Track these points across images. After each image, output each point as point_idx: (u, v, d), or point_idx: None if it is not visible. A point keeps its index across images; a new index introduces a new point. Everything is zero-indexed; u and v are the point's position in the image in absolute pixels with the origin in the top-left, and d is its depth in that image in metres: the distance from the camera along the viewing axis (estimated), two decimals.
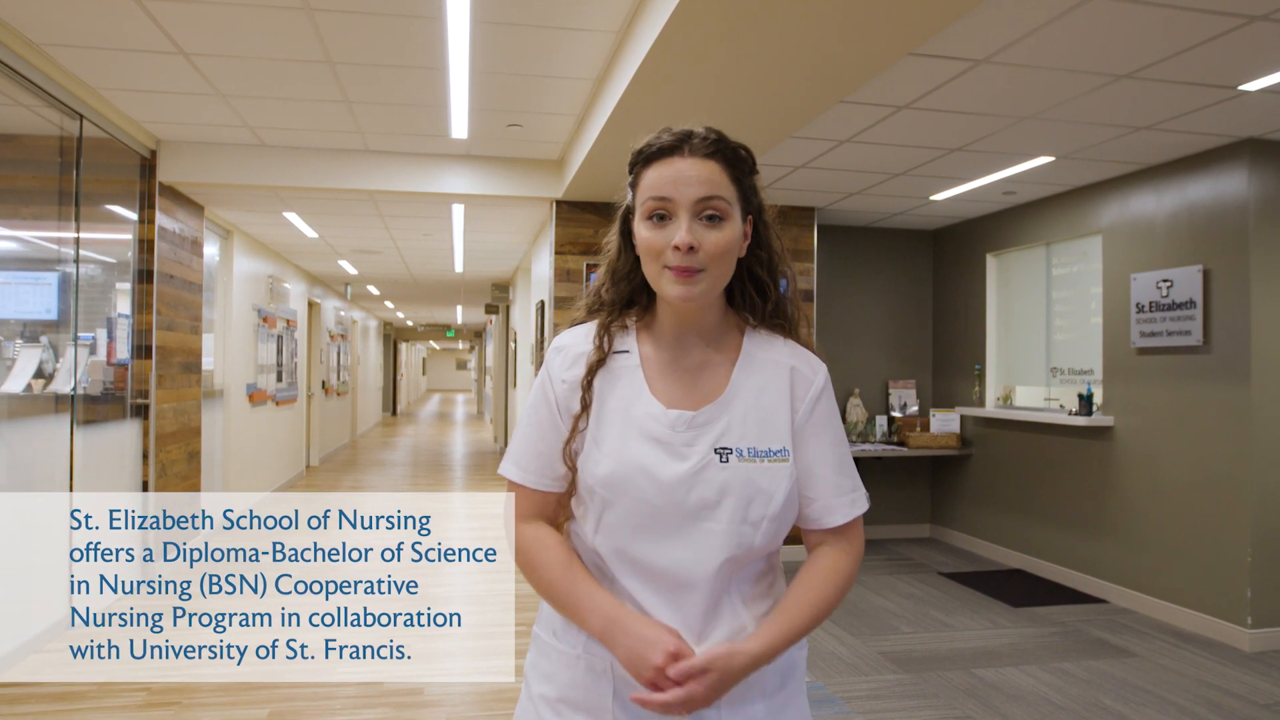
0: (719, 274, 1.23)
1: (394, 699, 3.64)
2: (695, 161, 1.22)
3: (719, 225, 1.21)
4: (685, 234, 1.18)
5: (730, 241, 1.22)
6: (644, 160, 1.25)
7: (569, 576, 1.26)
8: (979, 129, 4.46)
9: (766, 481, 1.23)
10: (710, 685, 1.14)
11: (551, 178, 5.71)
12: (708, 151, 1.22)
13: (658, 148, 1.24)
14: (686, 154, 1.22)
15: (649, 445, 1.23)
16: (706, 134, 1.24)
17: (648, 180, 1.23)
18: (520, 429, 1.36)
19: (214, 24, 3.53)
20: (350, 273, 11.45)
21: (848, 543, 1.30)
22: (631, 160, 1.28)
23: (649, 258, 1.23)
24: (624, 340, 1.31)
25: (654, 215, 1.22)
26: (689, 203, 1.20)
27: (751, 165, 1.28)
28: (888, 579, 5.91)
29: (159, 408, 5.36)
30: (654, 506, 1.22)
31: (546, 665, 1.31)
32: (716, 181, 1.22)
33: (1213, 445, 4.70)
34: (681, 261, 1.19)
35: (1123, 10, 3.04)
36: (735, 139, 1.27)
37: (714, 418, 1.24)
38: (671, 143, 1.23)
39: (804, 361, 1.31)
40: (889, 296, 7.42)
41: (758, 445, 1.24)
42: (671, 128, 1.25)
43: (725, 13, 2.75)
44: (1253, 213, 4.52)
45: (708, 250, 1.20)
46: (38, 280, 4.42)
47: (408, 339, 27.93)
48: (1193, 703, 3.75)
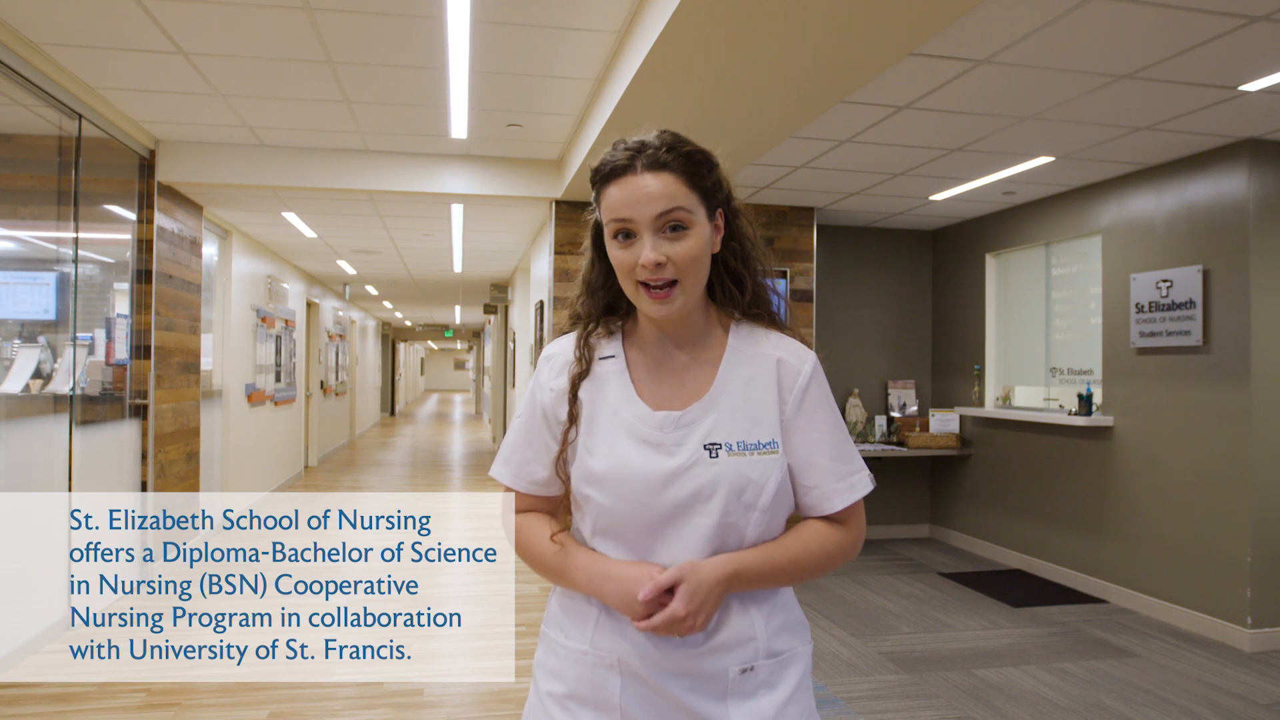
0: (693, 281, 1.24)
1: (394, 699, 3.63)
2: (650, 176, 1.21)
3: (683, 235, 1.21)
4: (650, 252, 1.20)
5: (697, 249, 1.22)
6: (601, 179, 1.25)
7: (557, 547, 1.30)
8: (979, 129, 4.46)
9: (757, 474, 1.24)
10: (687, 597, 1.17)
11: (551, 178, 5.71)
12: (661, 163, 1.21)
13: (611, 166, 1.24)
14: (640, 170, 1.21)
15: (639, 446, 1.25)
16: (659, 143, 1.23)
17: (608, 200, 1.24)
18: (510, 433, 1.39)
19: (213, 23, 3.52)
20: (349, 273, 11.44)
21: (846, 525, 1.31)
22: (591, 178, 1.28)
23: (623, 275, 1.25)
24: (610, 346, 1.33)
25: (619, 235, 1.23)
26: (648, 220, 1.20)
27: (709, 164, 1.26)
28: (887, 579, 5.91)
29: (157, 408, 5.35)
30: (647, 505, 1.23)
31: (554, 662, 1.31)
32: (673, 193, 1.21)
33: (1212, 445, 4.70)
34: (653, 276, 1.20)
35: (1123, 10, 3.04)
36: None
37: (701, 415, 1.26)
38: (625, 161, 1.22)
39: (790, 352, 1.32)
40: (889, 296, 7.42)
41: (746, 439, 1.25)
42: (626, 140, 1.25)
43: (726, 13, 2.75)
44: (1252, 213, 4.52)
45: (676, 262, 1.21)
46: (36, 280, 4.41)
47: (406, 339, 27.93)
48: (1193, 703, 3.75)
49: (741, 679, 1.24)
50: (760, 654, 1.25)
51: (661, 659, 1.22)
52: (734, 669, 1.24)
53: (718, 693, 1.23)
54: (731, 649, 1.24)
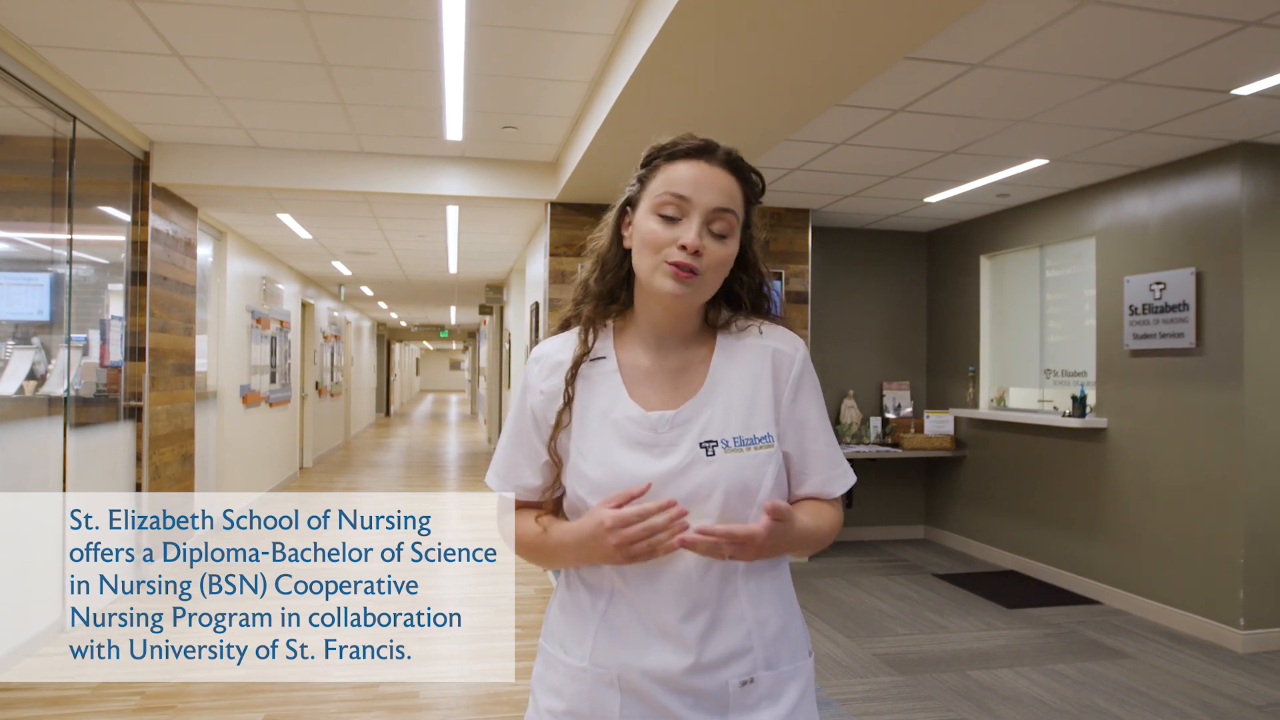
0: (712, 282, 1.25)
1: (389, 701, 3.63)
2: (719, 171, 1.24)
3: (723, 241, 1.24)
4: (695, 236, 1.21)
5: (729, 258, 1.25)
6: (667, 156, 1.26)
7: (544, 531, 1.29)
8: (973, 132, 4.48)
9: (753, 470, 1.24)
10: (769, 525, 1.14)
11: (546, 180, 5.71)
12: (731, 167, 1.26)
13: (685, 148, 1.26)
14: (711, 162, 1.25)
15: (633, 450, 1.24)
16: (730, 150, 1.27)
17: (669, 175, 1.25)
18: (502, 439, 1.38)
19: (207, 26, 3.52)
20: (344, 274, 11.43)
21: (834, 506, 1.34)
22: (651, 154, 1.28)
23: (649, 250, 1.24)
24: (601, 346, 1.33)
25: (664, 211, 1.23)
26: (705, 208, 1.22)
27: (760, 192, 1.31)
28: (882, 580, 5.92)
29: (152, 410, 5.34)
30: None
31: (553, 678, 1.30)
32: (733, 196, 1.25)
33: (1205, 447, 4.72)
34: (685, 259, 1.20)
35: (1116, 15, 3.06)
36: (734, 144, 1.29)
37: (696, 413, 1.26)
38: (699, 146, 1.25)
39: (783, 340, 1.33)
40: (884, 298, 7.44)
41: (743, 434, 1.25)
42: (693, 134, 1.27)
43: (721, 16, 2.76)
44: (1245, 216, 4.55)
45: (709, 260, 1.22)
46: (30, 281, 4.40)
47: (401, 339, 27.89)
48: (1186, 704, 3.77)
49: (743, 692, 1.22)
50: (759, 665, 1.24)
51: (661, 675, 1.21)
52: (734, 682, 1.22)
53: (719, 708, 1.22)
54: (729, 662, 1.22)
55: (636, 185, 1.30)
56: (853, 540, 7.21)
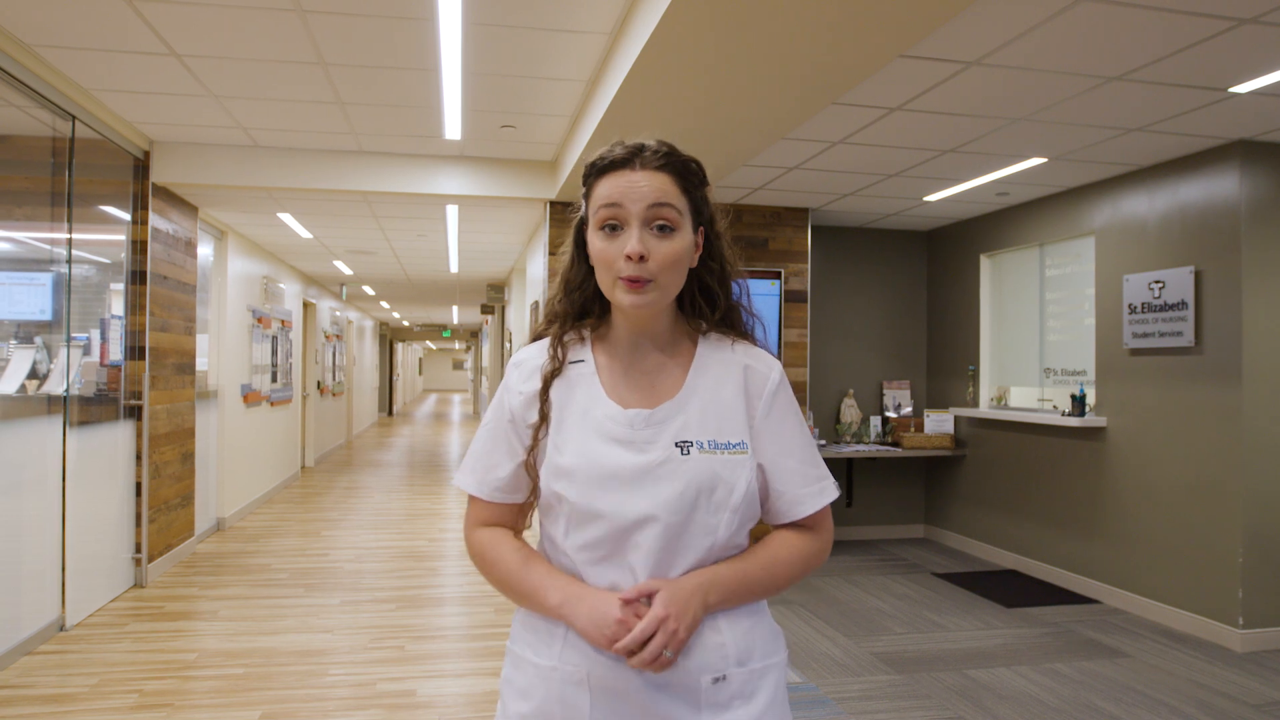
0: (669, 283, 1.25)
1: (386, 700, 3.63)
2: (647, 173, 1.24)
3: (669, 236, 1.23)
4: (636, 243, 1.20)
5: (680, 251, 1.24)
6: (597, 172, 1.28)
7: (526, 564, 1.28)
8: (971, 130, 4.47)
9: (727, 472, 1.24)
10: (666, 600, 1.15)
11: (545, 178, 5.72)
12: (659, 164, 1.25)
13: (610, 160, 1.26)
14: (638, 166, 1.24)
15: (610, 445, 1.25)
16: (658, 147, 1.26)
17: (600, 190, 1.26)
18: (476, 441, 1.38)
19: (206, 25, 3.53)
20: (345, 273, 11.44)
21: (814, 532, 1.32)
22: (585, 172, 1.30)
23: (602, 268, 1.25)
24: (579, 351, 1.34)
25: (606, 225, 1.24)
26: (640, 211, 1.22)
27: (702, 177, 1.30)
28: (881, 579, 5.92)
29: (152, 409, 5.35)
30: (620, 502, 1.22)
31: (521, 680, 1.29)
32: (667, 192, 1.24)
33: (1204, 446, 4.71)
34: (633, 271, 1.21)
35: (1113, 13, 3.05)
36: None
37: (672, 414, 1.26)
38: (624, 155, 1.25)
39: (757, 359, 1.33)
40: (883, 297, 7.43)
41: (717, 438, 1.25)
42: (624, 140, 1.28)
43: (716, 15, 2.76)
44: (1244, 214, 4.54)
45: (658, 260, 1.22)
46: (31, 281, 4.41)
47: (404, 339, 27.92)
48: (1184, 703, 3.77)
49: (714, 689, 1.22)
50: (731, 661, 1.23)
51: (631, 673, 1.20)
52: (705, 679, 1.21)
53: (691, 706, 1.21)
54: (699, 657, 1.21)
55: (583, 205, 1.32)
56: (852, 539, 7.21)
